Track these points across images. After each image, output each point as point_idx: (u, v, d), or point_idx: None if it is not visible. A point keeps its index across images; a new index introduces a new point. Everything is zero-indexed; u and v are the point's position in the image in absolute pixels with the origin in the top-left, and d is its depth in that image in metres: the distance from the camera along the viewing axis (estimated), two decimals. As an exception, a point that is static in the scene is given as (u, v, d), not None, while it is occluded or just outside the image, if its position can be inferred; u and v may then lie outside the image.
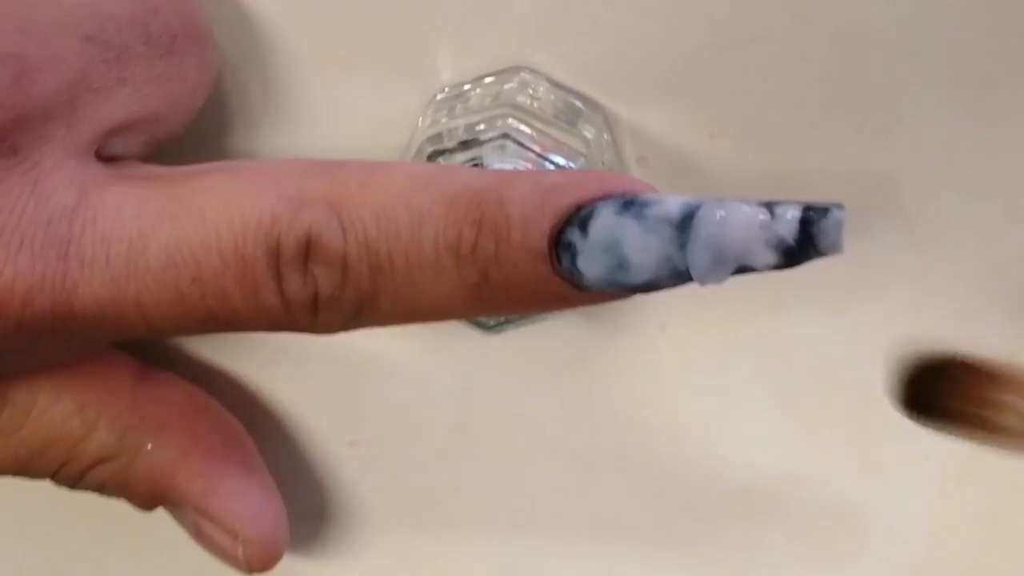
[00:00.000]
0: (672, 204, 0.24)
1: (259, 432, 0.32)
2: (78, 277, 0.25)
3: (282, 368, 0.33)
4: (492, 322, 0.30)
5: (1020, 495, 0.32)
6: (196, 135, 0.30)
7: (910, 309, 0.32)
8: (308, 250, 0.25)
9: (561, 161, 0.29)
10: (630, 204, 0.24)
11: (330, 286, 0.25)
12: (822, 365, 0.32)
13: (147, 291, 0.25)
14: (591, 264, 0.24)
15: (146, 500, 0.30)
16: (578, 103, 0.30)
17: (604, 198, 0.24)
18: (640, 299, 0.26)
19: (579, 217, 0.24)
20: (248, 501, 0.31)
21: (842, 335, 0.32)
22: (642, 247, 0.24)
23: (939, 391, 0.23)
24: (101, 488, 0.30)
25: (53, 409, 0.29)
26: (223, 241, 0.25)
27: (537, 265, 0.24)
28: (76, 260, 0.25)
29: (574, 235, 0.24)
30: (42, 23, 0.26)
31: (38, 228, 0.25)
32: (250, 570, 0.31)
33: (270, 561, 0.31)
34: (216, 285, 0.25)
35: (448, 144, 0.29)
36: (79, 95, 0.26)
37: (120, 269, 0.25)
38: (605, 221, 0.24)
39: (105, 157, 0.27)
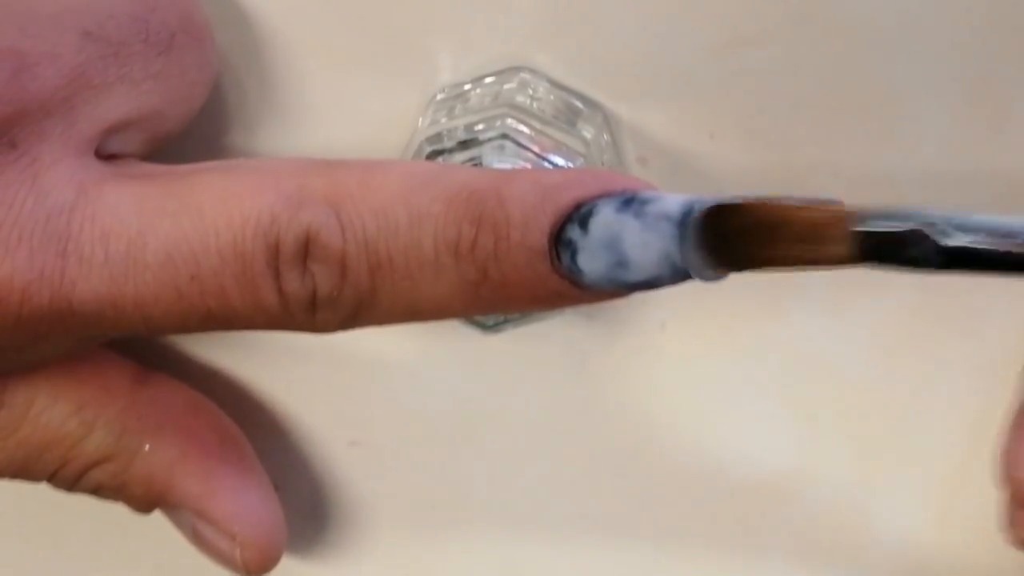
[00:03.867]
0: (672, 202, 0.24)
1: (259, 432, 0.32)
2: (76, 274, 0.25)
3: (282, 368, 0.33)
4: (491, 321, 0.30)
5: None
6: (195, 134, 0.30)
7: (910, 309, 0.32)
8: (307, 249, 0.25)
9: (560, 161, 0.29)
10: (630, 202, 0.24)
11: (329, 285, 0.25)
12: (822, 365, 0.32)
13: (145, 289, 0.25)
14: (591, 261, 0.24)
15: (143, 502, 0.30)
16: (578, 103, 0.30)
17: (604, 196, 0.24)
18: (640, 297, 0.26)
19: (579, 215, 0.24)
20: (246, 503, 0.31)
21: (842, 335, 0.32)
22: (642, 244, 0.24)
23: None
24: (98, 490, 0.30)
25: (51, 410, 0.29)
26: (222, 239, 0.25)
27: (537, 263, 0.24)
28: (75, 257, 0.25)
29: (574, 232, 0.24)
30: (40, 19, 0.26)
31: (37, 224, 0.25)
32: (248, 573, 0.31)
33: (268, 564, 0.31)
34: (215, 283, 0.25)
35: (447, 144, 0.29)
36: (77, 92, 0.26)
37: (119, 267, 0.25)
38: (605, 218, 0.24)
39: (104, 155, 0.27)
